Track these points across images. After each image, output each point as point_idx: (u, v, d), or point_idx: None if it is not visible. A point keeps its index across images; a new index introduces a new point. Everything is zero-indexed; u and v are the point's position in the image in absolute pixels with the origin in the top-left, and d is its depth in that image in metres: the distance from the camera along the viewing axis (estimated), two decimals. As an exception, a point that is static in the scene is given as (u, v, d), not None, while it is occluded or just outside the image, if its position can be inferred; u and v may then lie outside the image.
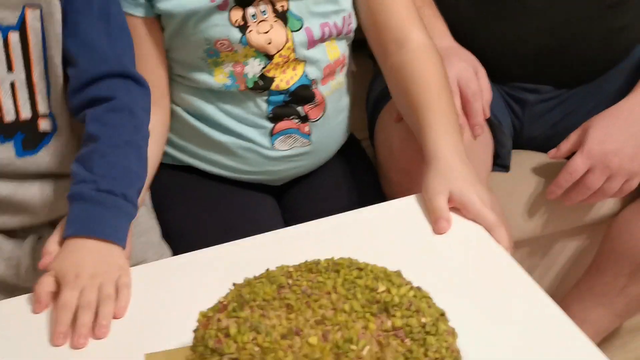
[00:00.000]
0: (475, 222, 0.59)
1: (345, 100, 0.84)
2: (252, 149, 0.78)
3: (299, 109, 0.78)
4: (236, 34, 0.72)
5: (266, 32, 0.73)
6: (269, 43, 0.73)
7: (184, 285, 0.54)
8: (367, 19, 0.78)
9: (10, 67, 0.65)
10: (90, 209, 0.56)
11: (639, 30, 0.93)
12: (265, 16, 0.73)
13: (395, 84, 0.74)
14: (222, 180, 0.80)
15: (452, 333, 0.39)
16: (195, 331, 0.39)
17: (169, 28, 0.73)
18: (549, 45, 0.88)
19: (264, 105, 0.77)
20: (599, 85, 0.92)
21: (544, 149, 0.93)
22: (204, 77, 0.74)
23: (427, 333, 0.35)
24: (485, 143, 0.82)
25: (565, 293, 1.01)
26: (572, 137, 0.84)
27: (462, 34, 0.86)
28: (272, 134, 0.78)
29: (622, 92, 0.88)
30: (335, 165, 0.84)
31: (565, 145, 0.84)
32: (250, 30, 0.73)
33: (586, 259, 0.98)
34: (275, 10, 0.73)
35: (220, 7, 0.70)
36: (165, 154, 0.79)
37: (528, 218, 0.91)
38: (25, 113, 0.66)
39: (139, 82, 0.66)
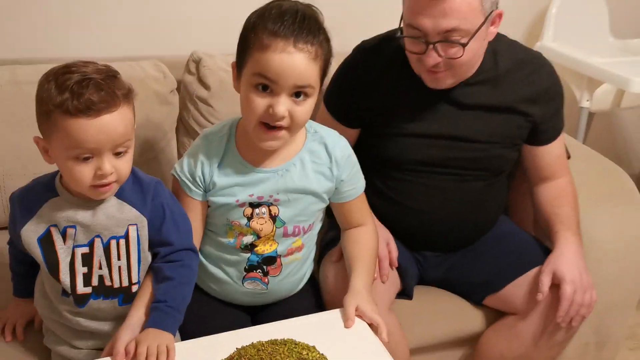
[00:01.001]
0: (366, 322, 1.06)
1: (298, 268, 1.22)
2: (231, 284, 1.20)
3: (265, 267, 1.18)
4: (244, 221, 1.14)
5: (261, 224, 1.15)
6: (261, 230, 1.15)
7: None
8: (336, 207, 1.22)
9: (119, 258, 1.07)
10: (163, 316, 1.02)
11: (497, 214, 1.45)
12: (264, 215, 1.14)
13: (348, 245, 1.22)
14: (213, 299, 1.24)
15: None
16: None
17: (211, 209, 1.16)
18: (435, 231, 1.38)
19: (245, 262, 1.18)
20: (473, 249, 1.43)
21: (441, 286, 1.44)
22: (220, 236, 1.18)
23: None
24: (392, 281, 1.31)
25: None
26: (545, 280, 1.25)
27: (384, 220, 1.37)
28: (244, 278, 1.20)
29: (490, 253, 1.41)
30: (291, 299, 1.26)
31: (545, 287, 1.25)
32: (253, 221, 1.14)
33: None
34: (270, 213, 1.15)
35: (240, 206, 1.13)
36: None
37: (426, 326, 1.38)
38: (125, 283, 1.08)
39: (194, 251, 1.11)
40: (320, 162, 1.15)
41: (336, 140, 1.18)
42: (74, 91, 0.93)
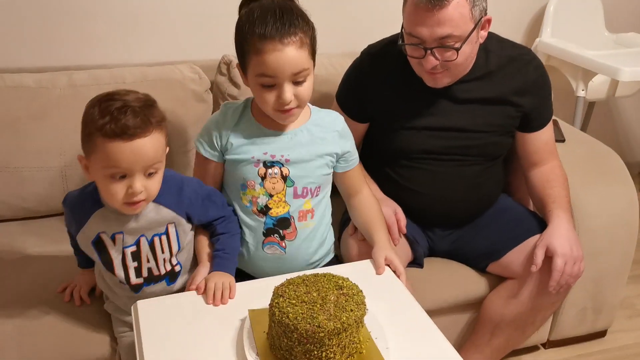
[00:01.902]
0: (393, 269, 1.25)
1: (313, 235, 1.32)
2: (251, 251, 1.30)
3: (280, 231, 1.30)
4: (258, 180, 1.25)
5: (273, 184, 1.26)
6: (273, 189, 1.26)
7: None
8: (338, 177, 1.35)
9: (162, 251, 1.20)
10: (224, 261, 1.21)
11: (495, 193, 1.60)
12: (276, 175, 1.26)
13: (357, 214, 1.39)
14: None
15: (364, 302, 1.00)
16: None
17: (228, 170, 1.28)
18: (440, 209, 1.53)
19: (262, 226, 1.28)
20: (475, 225, 1.58)
21: (448, 257, 1.61)
22: (237, 200, 1.29)
23: (354, 294, 1.00)
24: (403, 250, 1.47)
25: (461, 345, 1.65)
26: (539, 253, 1.38)
27: (393, 199, 1.53)
28: (263, 243, 1.30)
29: (491, 226, 1.56)
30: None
31: (539, 260, 1.38)
32: (266, 180, 1.25)
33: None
34: (281, 173, 1.26)
35: (255, 164, 1.25)
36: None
37: (435, 291, 1.54)
38: (168, 268, 1.22)
39: (232, 209, 1.30)
40: (325, 130, 1.29)
41: (335, 115, 1.34)
42: (113, 116, 1.03)
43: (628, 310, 2.01)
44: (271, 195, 1.28)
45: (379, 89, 1.49)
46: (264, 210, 1.28)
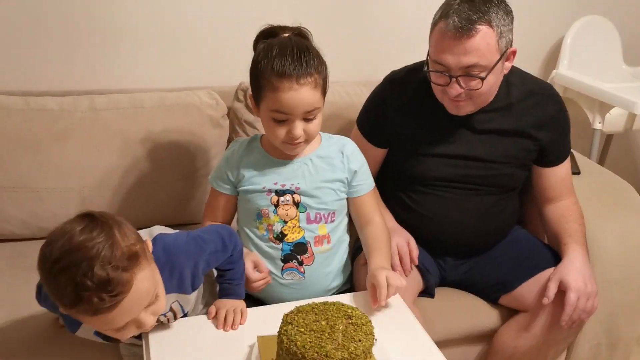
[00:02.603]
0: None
1: (330, 260, 1.34)
2: (272, 278, 1.31)
3: (298, 256, 1.32)
4: (272, 208, 1.29)
5: (286, 210, 1.30)
6: (286, 215, 1.30)
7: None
8: (349, 203, 1.37)
9: (168, 321, 1.14)
10: (232, 287, 1.22)
11: (509, 225, 1.59)
12: (288, 202, 1.29)
13: (365, 243, 1.37)
14: (248, 297, 1.28)
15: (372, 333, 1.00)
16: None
17: (243, 201, 1.32)
18: (453, 238, 1.51)
19: (279, 252, 1.31)
20: (488, 255, 1.57)
21: (460, 287, 1.59)
22: (254, 230, 1.32)
23: (363, 324, 1.00)
24: (415, 280, 1.47)
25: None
26: (552, 287, 1.37)
27: (409, 229, 1.53)
28: (282, 270, 1.32)
29: (504, 257, 1.55)
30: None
31: (551, 293, 1.37)
32: (279, 208, 1.29)
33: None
34: (293, 200, 1.30)
35: (267, 193, 1.29)
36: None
37: (446, 321, 1.52)
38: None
39: (230, 239, 1.22)
40: (333, 157, 1.32)
41: (346, 141, 1.37)
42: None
43: (645, 346, 1.96)
44: (285, 222, 1.30)
45: (399, 114, 1.51)
46: (280, 237, 1.31)
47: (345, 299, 1.19)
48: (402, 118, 1.51)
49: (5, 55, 1.79)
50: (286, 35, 1.24)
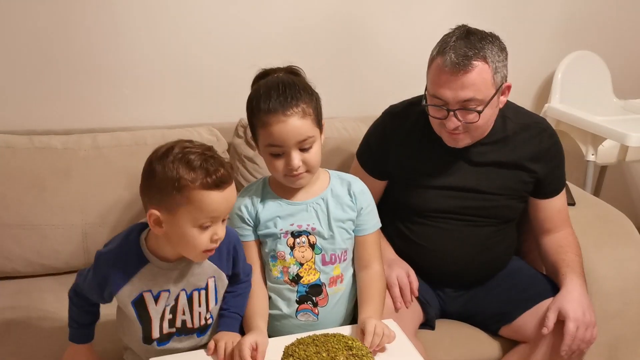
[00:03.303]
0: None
1: (343, 300, 1.35)
2: (286, 319, 1.33)
3: (314, 298, 1.33)
4: (288, 250, 1.31)
5: (302, 252, 1.31)
6: (303, 257, 1.31)
7: None
8: (355, 248, 1.37)
9: (199, 305, 1.21)
10: (232, 321, 1.23)
11: (507, 255, 1.60)
12: (304, 244, 1.31)
13: (360, 288, 1.34)
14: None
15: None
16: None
17: (262, 244, 1.34)
18: (452, 269, 1.53)
19: (295, 294, 1.32)
20: (487, 286, 1.57)
21: (460, 319, 1.59)
22: (268, 272, 1.34)
23: (364, 355, 1.01)
24: (415, 312, 1.48)
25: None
26: (551, 317, 1.37)
27: (407, 260, 1.54)
28: (297, 311, 1.33)
29: (502, 288, 1.55)
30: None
31: (550, 322, 1.37)
32: (295, 250, 1.31)
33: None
34: (309, 241, 1.32)
35: (284, 236, 1.31)
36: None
37: (447, 353, 1.50)
38: (202, 323, 1.23)
39: (250, 272, 1.31)
40: (342, 196, 1.34)
41: (354, 180, 1.38)
42: (205, 169, 1.05)
43: (647, 377, 1.95)
44: (301, 264, 1.32)
45: (398, 147, 1.54)
46: (296, 279, 1.33)
47: (346, 330, 1.19)
48: (401, 150, 1.54)
49: (10, 94, 1.82)
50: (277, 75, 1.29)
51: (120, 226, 1.69)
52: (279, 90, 1.22)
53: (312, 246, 1.32)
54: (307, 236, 1.32)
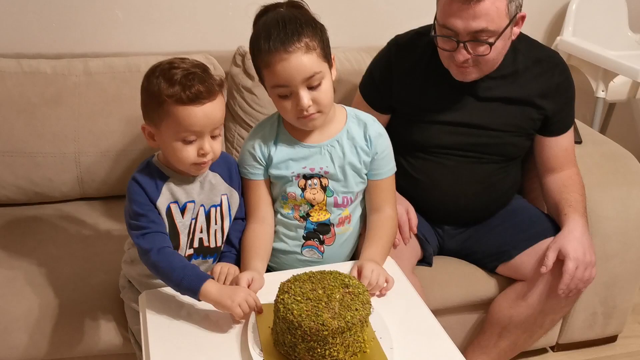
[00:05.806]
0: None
1: (349, 240, 1.35)
2: (290, 253, 1.33)
3: (320, 235, 1.33)
4: (299, 192, 1.28)
5: (314, 194, 1.29)
6: (314, 199, 1.29)
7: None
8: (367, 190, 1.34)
9: (215, 222, 1.24)
10: (229, 254, 1.27)
11: (509, 193, 1.59)
12: (316, 186, 1.29)
13: (369, 228, 1.32)
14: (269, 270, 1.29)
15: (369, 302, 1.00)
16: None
17: (272, 183, 1.31)
18: (453, 206, 1.52)
19: (302, 229, 1.32)
20: (487, 224, 1.57)
21: (458, 256, 1.60)
22: (279, 208, 1.32)
23: (360, 293, 1.00)
24: (413, 248, 1.48)
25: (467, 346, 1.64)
26: (551, 256, 1.36)
27: (408, 197, 1.52)
28: (303, 246, 1.33)
29: (503, 226, 1.55)
30: None
31: (550, 261, 1.36)
32: (306, 191, 1.29)
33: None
34: (320, 184, 1.29)
35: (295, 178, 1.28)
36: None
37: (443, 290, 1.53)
38: (219, 243, 1.26)
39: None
40: (358, 138, 1.29)
41: (372, 122, 1.32)
42: (183, 84, 1.08)
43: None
44: (312, 205, 1.30)
45: (403, 80, 1.49)
46: (305, 217, 1.32)
47: (342, 267, 1.18)
48: (406, 83, 1.49)
49: (-2, 16, 1.75)
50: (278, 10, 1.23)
51: (114, 155, 1.67)
52: (279, 27, 1.16)
53: (324, 188, 1.30)
54: (320, 178, 1.29)
